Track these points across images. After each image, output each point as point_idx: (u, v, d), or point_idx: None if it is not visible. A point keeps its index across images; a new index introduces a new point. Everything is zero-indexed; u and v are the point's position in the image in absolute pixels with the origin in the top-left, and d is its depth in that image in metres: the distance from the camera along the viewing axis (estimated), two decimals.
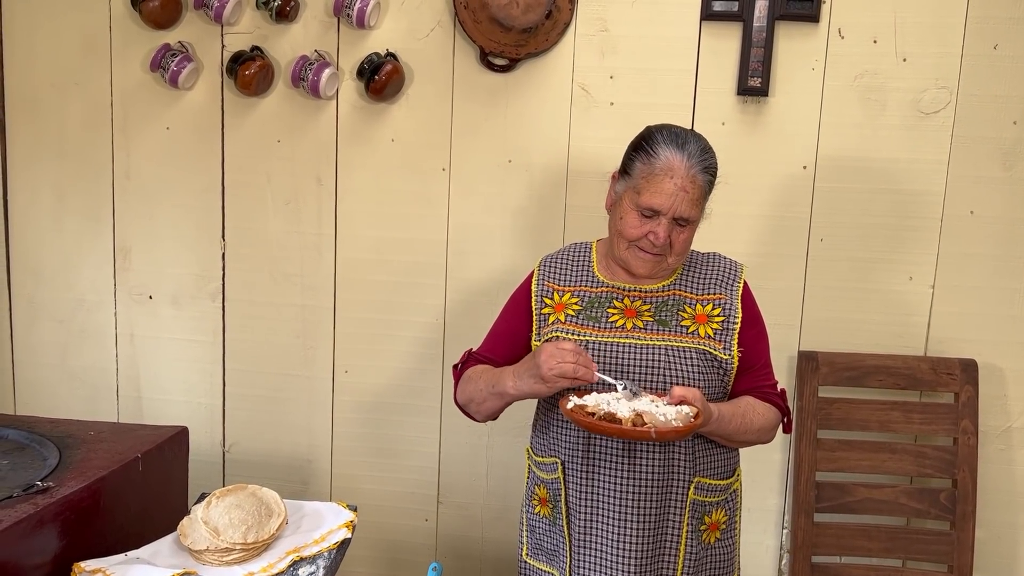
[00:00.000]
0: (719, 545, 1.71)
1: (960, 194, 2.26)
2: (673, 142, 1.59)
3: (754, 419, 1.64)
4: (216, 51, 2.44)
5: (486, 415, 1.74)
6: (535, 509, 1.77)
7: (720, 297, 1.68)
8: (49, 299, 2.60)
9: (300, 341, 2.53)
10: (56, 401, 2.62)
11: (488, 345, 1.81)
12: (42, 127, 2.53)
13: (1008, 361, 2.31)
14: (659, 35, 2.29)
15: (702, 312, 1.66)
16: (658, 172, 1.58)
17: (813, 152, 2.29)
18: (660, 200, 1.57)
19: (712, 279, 1.70)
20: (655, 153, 1.59)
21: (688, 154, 1.58)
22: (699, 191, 1.59)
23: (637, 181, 1.61)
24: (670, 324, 1.65)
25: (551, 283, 1.75)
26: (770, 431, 1.70)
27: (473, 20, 2.29)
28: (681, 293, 1.69)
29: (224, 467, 2.60)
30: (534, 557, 1.79)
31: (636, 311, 1.67)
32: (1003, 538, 2.37)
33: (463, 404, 1.77)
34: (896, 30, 2.22)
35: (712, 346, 1.64)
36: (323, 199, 2.46)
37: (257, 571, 1.56)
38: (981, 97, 2.23)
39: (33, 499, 1.52)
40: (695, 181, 1.58)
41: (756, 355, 1.69)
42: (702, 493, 1.66)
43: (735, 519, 1.75)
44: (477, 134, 2.39)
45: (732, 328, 1.66)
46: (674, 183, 1.57)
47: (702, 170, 1.59)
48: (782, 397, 1.71)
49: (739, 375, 1.68)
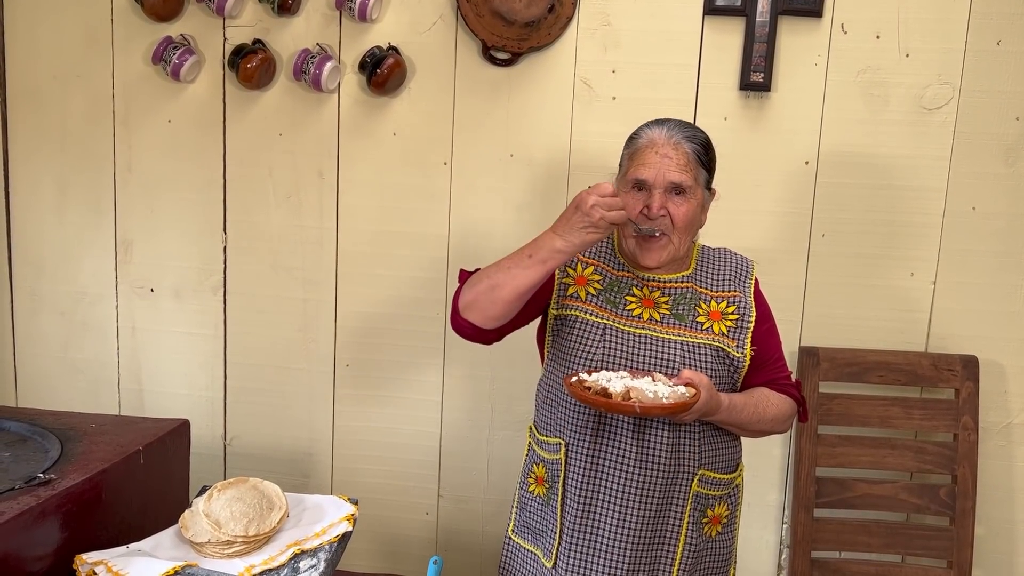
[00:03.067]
0: (719, 539, 1.72)
1: (962, 190, 2.26)
2: (653, 124, 1.67)
3: (767, 408, 1.67)
4: (218, 44, 2.43)
5: (506, 301, 1.55)
6: (530, 487, 1.77)
7: (735, 295, 1.70)
8: (50, 292, 2.61)
9: (301, 334, 2.53)
10: (57, 394, 2.63)
11: None
12: (44, 119, 2.53)
13: (1009, 357, 2.31)
14: (662, 29, 2.29)
15: (716, 309, 1.68)
16: (640, 147, 1.65)
17: (815, 148, 2.29)
18: (644, 170, 1.62)
19: (725, 276, 1.72)
20: (636, 136, 1.68)
21: (667, 127, 1.64)
22: (684, 157, 1.62)
23: (625, 164, 1.68)
24: (686, 319, 1.66)
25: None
26: (785, 421, 1.72)
27: (475, 14, 2.29)
28: (697, 288, 1.70)
29: (225, 460, 2.61)
30: (519, 534, 1.78)
31: (654, 302, 1.68)
32: (1002, 534, 2.37)
33: (470, 301, 1.59)
34: (899, 25, 2.22)
35: (726, 343, 1.65)
36: (325, 193, 2.46)
37: (258, 564, 1.56)
38: (984, 93, 2.22)
39: (35, 491, 1.52)
40: (678, 147, 1.62)
41: (769, 350, 1.72)
42: (706, 486, 1.66)
43: (736, 514, 1.76)
44: (479, 128, 2.38)
45: (746, 327, 1.67)
46: (655, 152, 1.62)
47: (684, 138, 1.63)
48: (797, 387, 1.74)
49: (754, 370, 1.69)
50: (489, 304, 1.57)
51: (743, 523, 2.19)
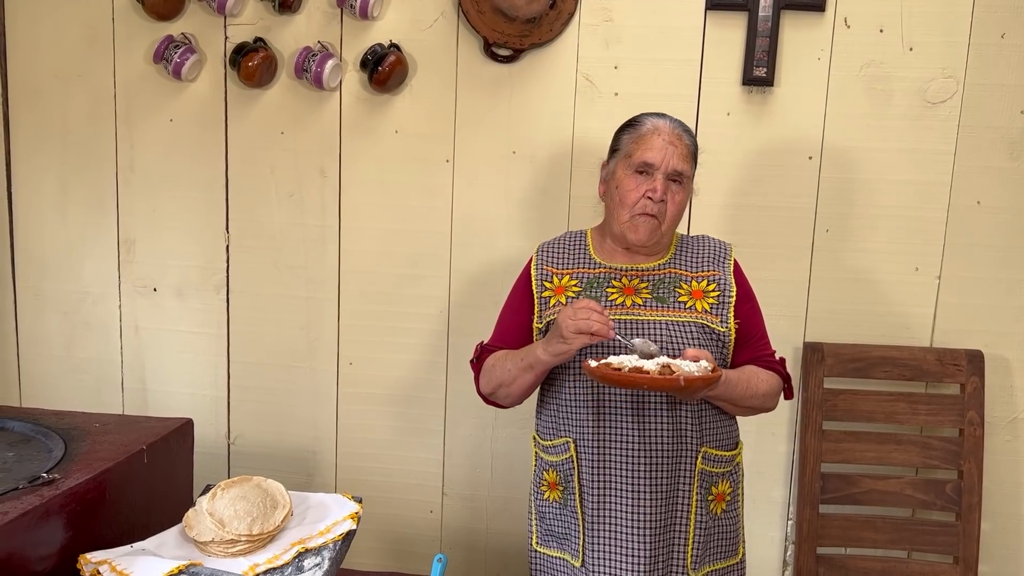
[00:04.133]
0: (725, 517, 1.76)
1: (967, 184, 2.25)
2: (653, 114, 1.75)
3: (758, 385, 1.71)
4: (219, 42, 2.43)
5: (517, 395, 1.76)
6: (544, 495, 1.79)
7: (714, 273, 1.75)
8: (53, 291, 2.61)
9: (304, 333, 2.53)
10: (61, 393, 2.63)
11: (497, 335, 1.85)
12: (45, 119, 2.53)
13: (1014, 352, 2.30)
14: (664, 25, 2.28)
15: (698, 288, 1.73)
16: (646, 133, 1.71)
17: (819, 142, 2.28)
18: (652, 154, 1.68)
19: (705, 257, 1.78)
20: (640, 122, 1.74)
21: (669, 119, 1.73)
22: (685, 148, 1.71)
23: (627, 148, 1.73)
24: (668, 300, 1.71)
25: (549, 267, 1.80)
26: (774, 397, 1.77)
27: (477, 10, 2.28)
28: (676, 271, 1.75)
29: (229, 459, 2.61)
30: (544, 544, 1.80)
31: (635, 289, 1.73)
32: (1009, 529, 2.36)
33: (489, 393, 1.81)
34: (902, 19, 2.21)
35: (709, 319, 1.70)
36: (327, 191, 2.46)
37: (262, 563, 1.56)
38: (988, 86, 2.21)
39: (39, 491, 1.52)
40: (681, 139, 1.71)
41: (752, 327, 1.77)
42: (709, 463, 1.71)
43: (738, 492, 1.80)
44: (481, 125, 2.38)
45: (727, 302, 1.72)
46: (662, 138, 1.69)
47: (684, 131, 1.73)
48: (782, 364, 1.78)
49: (738, 348, 1.75)
50: (504, 397, 1.78)
51: (748, 519, 2.19)
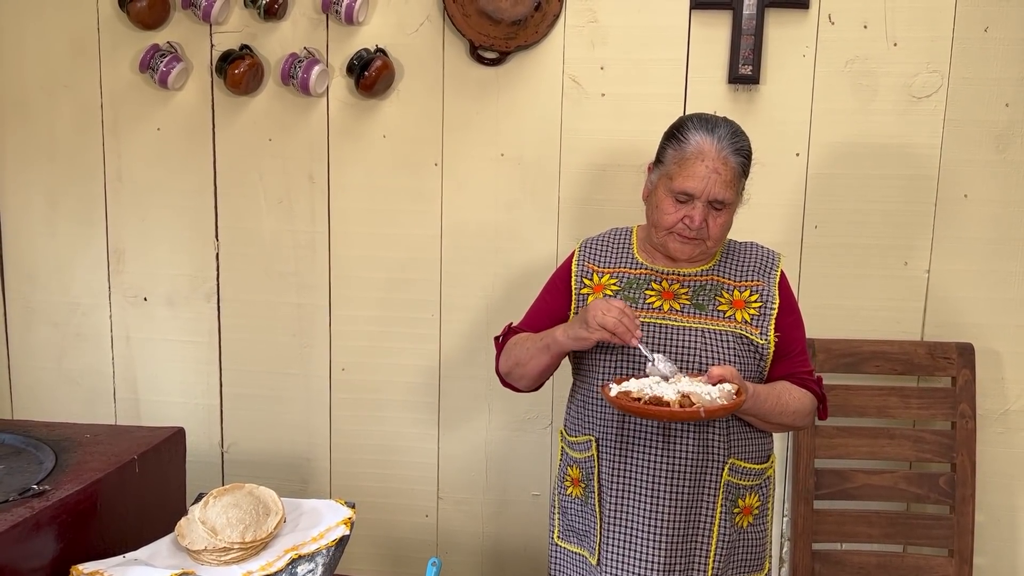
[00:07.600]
0: (751, 530, 1.72)
1: (954, 178, 2.26)
2: (703, 127, 1.62)
3: (789, 402, 1.65)
4: (205, 50, 2.43)
5: (532, 377, 1.73)
6: (567, 490, 1.78)
7: (758, 284, 1.70)
8: (44, 303, 2.60)
9: (296, 340, 2.52)
10: (53, 405, 2.62)
11: (528, 320, 1.82)
12: (32, 131, 2.52)
13: (1005, 344, 2.31)
14: (649, 24, 2.28)
15: (739, 298, 1.68)
16: (689, 156, 1.60)
17: (806, 139, 2.28)
18: (693, 183, 1.59)
19: (750, 267, 1.72)
20: (685, 139, 1.62)
21: (718, 137, 1.60)
22: (731, 173, 1.60)
23: (670, 167, 1.63)
24: (707, 308, 1.67)
25: (591, 264, 1.77)
26: (805, 416, 1.70)
27: (462, 13, 2.29)
28: (719, 279, 1.70)
29: (223, 467, 2.60)
30: (565, 539, 1.80)
31: (674, 294, 1.69)
32: (1003, 521, 2.37)
33: (506, 372, 1.78)
34: (886, 15, 2.21)
35: (748, 331, 1.65)
36: (316, 197, 2.46)
37: (256, 570, 1.56)
38: (973, 80, 2.22)
39: (29, 503, 1.52)
40: (727, 163, 1.60)
41: (792, 342, 1.70)
42: (736, 476, 1.66)
43: (768, 505, 1.75)
44: (469, 128, 2.38)
45: (769, 314, 1.67)
46: (705, 166, 1.59)
47: (733, 152, 1.61)
48: (818, 383, 1.72)
49: (775, 361, 1.69)
50: (519, 378, 1.76)
51: None
